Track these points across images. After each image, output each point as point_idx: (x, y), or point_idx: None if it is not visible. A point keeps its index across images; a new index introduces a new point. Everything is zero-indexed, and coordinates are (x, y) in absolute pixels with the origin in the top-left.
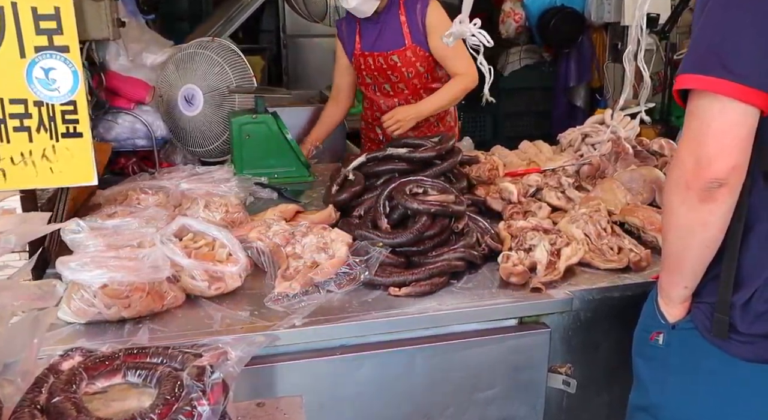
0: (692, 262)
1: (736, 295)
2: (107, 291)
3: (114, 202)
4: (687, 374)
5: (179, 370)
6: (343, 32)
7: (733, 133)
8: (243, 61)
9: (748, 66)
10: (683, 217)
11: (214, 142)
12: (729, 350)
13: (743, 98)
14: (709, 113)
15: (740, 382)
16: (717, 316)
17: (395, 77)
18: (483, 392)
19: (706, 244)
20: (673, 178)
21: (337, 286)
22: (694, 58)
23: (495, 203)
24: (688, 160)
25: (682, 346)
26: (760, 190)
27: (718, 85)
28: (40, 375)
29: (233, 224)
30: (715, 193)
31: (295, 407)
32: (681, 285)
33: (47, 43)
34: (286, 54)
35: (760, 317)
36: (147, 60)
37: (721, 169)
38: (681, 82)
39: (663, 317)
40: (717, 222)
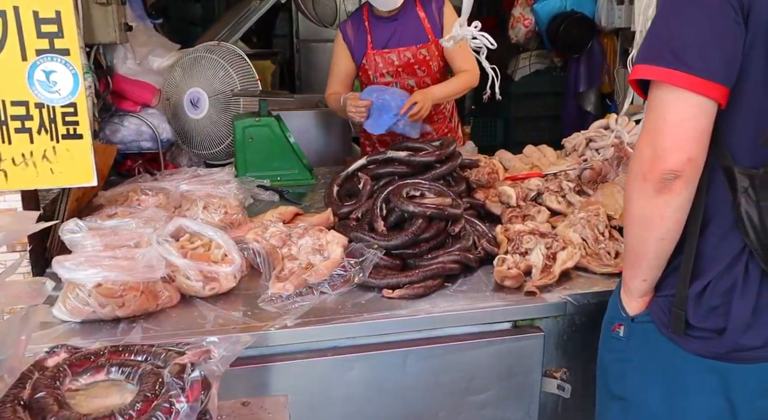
0: (649, 255)
1: (690, 287)
2: (101, 290)
3: (115, 202)
4: (644, 367)
5: (161, 368)
6: (349, 36)
7: (688, 125)
8: (248, 64)
9: (701, 57)
10: (641, 209)
11: (219, 144)
12: (683, 345)
13: (697, 90)
14: (664, 105)
15: (694, 379)
16: (674, 310)
17: (422, 71)
18: (476, 396)
19: (662, 236)
20: (632, 170)
21: (331, 287)
22: (648, 49)
23: (494, 207)
24: (646, 152)
25: (641, 340)
26: (719, 185)
27: (671, 76)
28: (25, 371)
29: (232, 225)
30: (670, 184)
31: (279, 406)
32: (639, 277)
33: (48, 46)
34: (299, 58)
35: (713, 312)
36: (154, 63)
37: (677, 161)
38: (635, 72)
39: (624, 310)
40: (673, 214)
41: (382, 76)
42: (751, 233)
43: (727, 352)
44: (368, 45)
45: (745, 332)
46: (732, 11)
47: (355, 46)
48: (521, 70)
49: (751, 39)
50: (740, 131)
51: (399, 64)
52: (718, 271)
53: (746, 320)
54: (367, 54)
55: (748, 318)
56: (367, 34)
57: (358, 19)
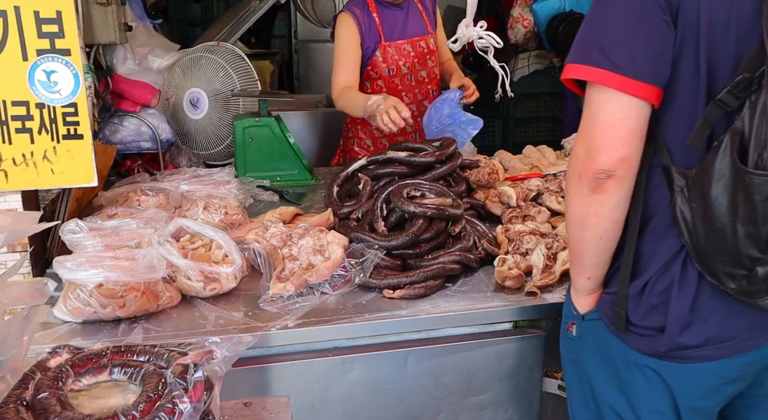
0: (589, 254)
1: (629, 286)
2: (102, 290)
3: (115, 203)
4: (597, 365)
5: (164, 369)
6: (360, 21)
7: (619, 125)
8: (248, 65)
9: (630, 57)
10: (577, 208)
11: (219, 145)
12: (628, 343)
13: (627, 89)
14: (596, 105)
15: (641, 377)
16: (615, 309)
17: (432, 62)
18: (476, 396)
19: (599, 235)
20: (569, 170)
21: (331, 288)
22: (579, 48)
23: (494, 207)
24: (581, 151)
25: (592, 338)
26: (658, 184)
27: (601, 76)
28: (28, 371)
29: (232, 226)
30: (603, 184)
31: (281, 407)
32: (584, 276)
33: (49, 46)
34: (298, 59)
35: (653, 310)
36: (153, 63)
37: (609, 160)
38: (566, 72)
39: (574, 308)
40: (608, 214)
41: (398, 68)
42: (685, 233)
43: (666, 350)
44: (381, 36)
45: (684, 331)
46: (660, 10)
47: (367, 36)
48: (520, 70)
49: (680, 38)
50: (675, 130)
51: (414, 54)
52: (656, 269)
53: (684, 319)
54: (381, 45)
55: (686, 317)
56: (377, 25)
57: (363, 7)
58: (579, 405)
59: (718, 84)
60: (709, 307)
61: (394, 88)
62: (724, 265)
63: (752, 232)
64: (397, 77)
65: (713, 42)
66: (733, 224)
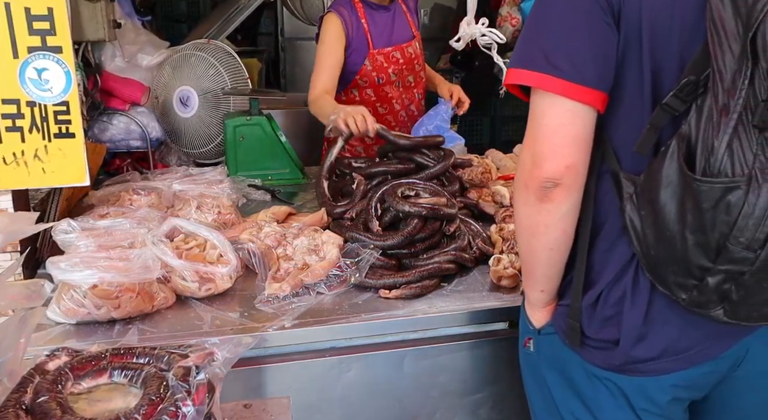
0: (540, 265)
1: (583, 298)
2: (97, 291)
3: (107, 202)
4: (557, 381)
5: (165, 371)
6: (348, 25)
7: (563, 132)
8: (238, 63)
9: (573, 61)
10: (525, 218)
11: (209, 143)
12: (584, 356)
13: (570, 95)
14: (539, 111)
15: (603, 392)
16: (569, 321)
17: (419, 66)
18: (472, 396)
19: (550, 246)
20: (516, 178)
21: (327, 288)
22: (522, 52)
23: (487, 206)
24: (527, 159)
25: (550, 352)
26: (608, 191)
27: (544, 81)
28: (26, 375)
29: (225, 225)
30: (550, 193)
31: (282, 408)
32: (537, 289)
33: (40, 43)
34: (284, 57)
35: (607, 322)
36: (143, 61)
37: (554, 168)
38: (509, 77)
39: (530, 322)
40: (557, 224)
41: (387, 76)
42: (635, 241)
43: (621, 364)
44: (369, 44)
45: (638, 343)
46: (601, 12)
47: (354, 41)
48: None
49: (623, 40)
50: (623, 136)
51: (403, 61)
52: (608, 280)
53: (638, 331)
54: (370, 54)
55: (639, 328)
56: (365, 31)
57: (351, 8)
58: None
59: (664, 87)
60: (662, 318)
61: (384, 96)
62: (674, 274)
63: (701, 241)
64: (387, 85)
65: (656, 43)
66: (682, 232)
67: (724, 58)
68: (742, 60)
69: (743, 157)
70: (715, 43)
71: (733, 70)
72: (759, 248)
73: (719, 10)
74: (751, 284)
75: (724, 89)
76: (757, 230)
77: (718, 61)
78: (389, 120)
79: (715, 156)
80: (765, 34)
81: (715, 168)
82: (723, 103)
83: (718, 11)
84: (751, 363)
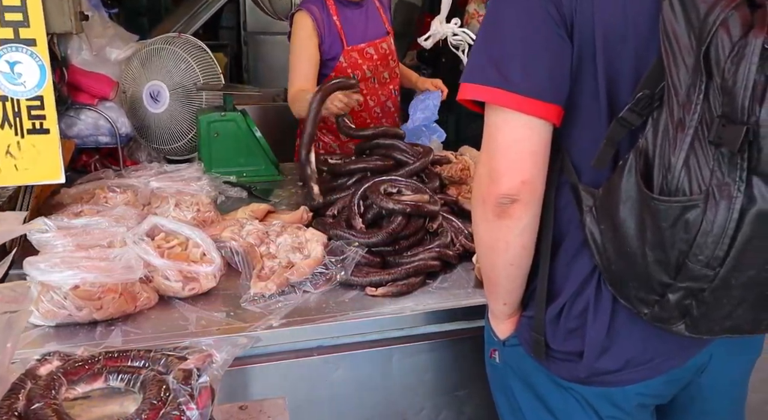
0: (501, 280)
1: (547, 310)
2: (79, 292)
3: (80, 200)
4: (523, 394)
5: (164, 374)
6: (319, 23)
7: (518, 147)
8: (210, 57)
9: (526, 75)
10: (485, 234)
11: (180, 139)
12: (549, 368)
13: (525, 110)
14: (494, 126)
15: (569, 404)
16: (533, 335)
17: (393, 62)
18: (458, 392)
19: (510, 261)
20: (473, 194)
21: (313, 286)
22: (475, 67)
23: (467, 203)
24: (483, 175)
25: (516, 364)
26: (567, 203)
27: (497, 96)
28: (17, 381)
29: (204, 224)
30: (508, 209)
31: (279, 409)
32: (499, 302)
33: (13, 35)
34: (247, 51)
35: (571, 334)
36: (111, 55)
37: (510, 184)
38: (462, 92)
39: (494, 334)
40: (516, 239)
41: (362, 72)
42: (596, 255)
43: (586, 376)
44: (343, 42)
45: (602, 356)
46: (554, 25)
47: (327, 39)
48: None
49: (578, 53)
50: (580, 148)
51: (377, 57)
52: (571, 292)
53: (601, 343)
54: (344, 51)
55: (603, 340)
56: (338, 28)
57: (322, 6)
58: None
59: (619, 100)
60: (625, 330)
61: (366, 86)
62: (636, 290)
63: (661, 258)
64: (362, 81)
65: (611, 55)
66: (642, 249)
67: (678, 73)
68: (696, 75)
69: (700, 174)
70: (669, 57)
71: (687, 85)
72: (718, 266)
73: (672, 24)
74: (711, 300)
75: (680, 104)
76: (716, 248)
77: (672, 76)
78: (364, 116)
79: (672, 173)
80: (718, 49)
81: (672, 185)
82: (678, 118)
83: (671, 24)
84: (714, 368)
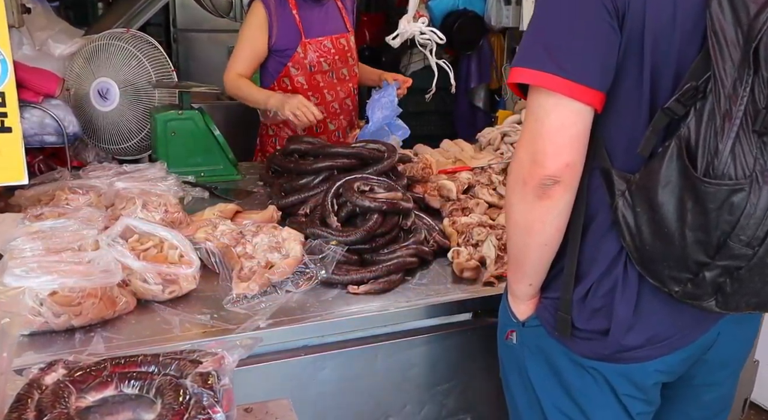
0: (533, 260)
1: (574, 291)
2: (57, 298)
3: (38, 202)
4: (541, 374)
5: (179, 378)
6: (272, 15)
7: (565, 131)
8: (162, 54)
9: (579, 62)
10: (522, 215)
11: (130, 139)
12: (571, 347)
13: (575, 95)
14: (543, 110)
15: (589, 382)
16: (560, 314)
17: (352, 60)
18: (440, 386)
19: (545, 242)
20: (512, 176)
21: (294, 285)
22: (528, 52)
23: (433, 201)
24: (525, 158)
25: (533, 345)
26: (597, 187)
27: (550, 82)
28: (22, 391)
29: (173, 225)
30: (549, 190)
31: (284, 410)
32: (525, 282)
33: None
34: (177, 49)
35: (596, 313)
36: (55, 50)
37: (555, 166)
38: (514, 75)
39: (513, 315)
40: (554, 220)
41: (319, 65)
42: (628, 237)
43: (611, 353)
44: (301, 33)
45: (628, 333)
46: (607, 16)
47: (281, 32)
48: (414, 64)
49: (625, 44)
50: (616, 135)
51: (335, 51)
52: (599, 273)
53: (628, 321)
54: (301, 42)
55: (630, 318)
56: (296, 21)
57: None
58: (527, 413)
59: (661, 90)
60: (650, 308)
61: (316, 85)
62: (669, 269)
63: (702, 239)
64: (318, 74)
65: (657, 48)
66: (682, 230)
67: (725, 66)
68: (743, 68)
69: (744, 161)
70: (716, 52)
71: (733, 78)
72: (758, 245)
73: (720, 20)
74: (746, 278)
75: (726, 96)
76: (757, 229)
77: (719, 68)
78: (320, 110)
79: (719, 159)
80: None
81: (719, 170)
82: (725, 109)
83: (719, 20)
84: (720, 346)
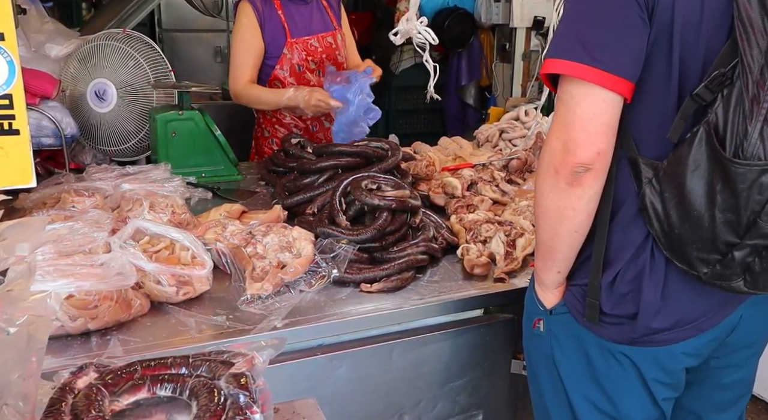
0: (563, 248)
1: (602, 277)
2: (73, 302)
3: (43, 205)
4: (570, 360)
5: (212, 380)
6: (261, 14)
7: (597, 120)
8: (159, 54)
9: (611, 53)
10: (553, 202)
11: (128, 140)
12: (599, 333)
13: (607, 85)
14: (575, 99)
15: (616, 367)
16: (588, 300)
17: (341, 58)
18: (453, 383)
19: (575, 228)
20: (543, 164)
21: (307, 285)
22: (561, 43)
23: (438, 198)
24: (557, 146)
25: (561, 332)
26: (625, 175)
27: (582, 71)
28: (55, 396)
29: (180, 226)
30: (581, 177)
31: (311, 409)
32: (554, 270)
33: None
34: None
35: (624, 298)
36: (51, 51)
37: (587, 154)
38: (548, 66)
39: (541, 304)
40: (585, 207)
41: (306, 64)
42: (655, 223)
43: (639, 336)
44: (287, 33)
45: (656, 316)
46: (638, 7)
47: (269, 32)
48: (404, 62)
49: (655, 35)
50: (643, 124)
51: (322, 50)
52: (626, 258)
53: (656, 305)
54: (287, 43)
55: (657, 302)
56: (281, 21)
57: (264, 0)
58: (553, 401)
59: (689, 78)
60: (677, 291)
61: (306, 84)
62: (698, 251)
63: (731, 219)
64: (307, 72)
65: (686, 40)
66: (711, 212)
67: (752, 53)
68: None
69: None
70: (743, 39)
71: (760, 64)
72: None
73: (747, 10)
74: None
75: (753, 81)
76: None
77: (746, 55)
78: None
79: (748, 141)
80: None
81: (748, 152)
82: (753, 94)
83: (746, 11)
84: (743, 327)
